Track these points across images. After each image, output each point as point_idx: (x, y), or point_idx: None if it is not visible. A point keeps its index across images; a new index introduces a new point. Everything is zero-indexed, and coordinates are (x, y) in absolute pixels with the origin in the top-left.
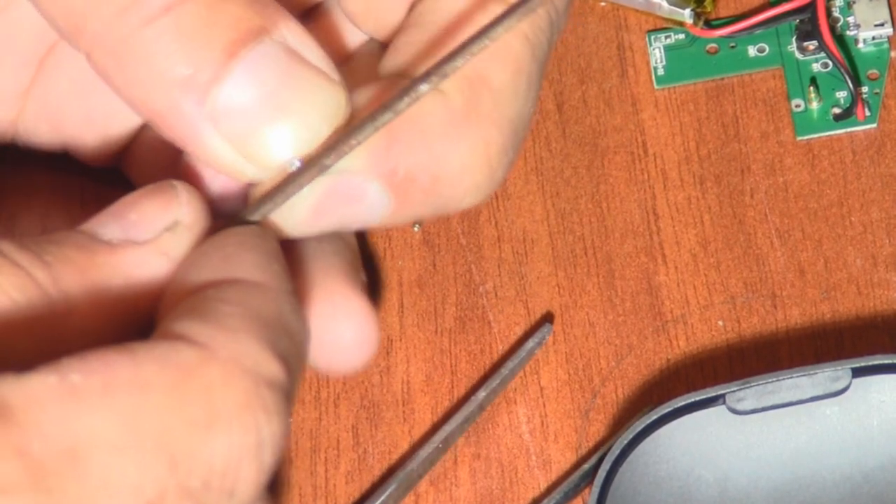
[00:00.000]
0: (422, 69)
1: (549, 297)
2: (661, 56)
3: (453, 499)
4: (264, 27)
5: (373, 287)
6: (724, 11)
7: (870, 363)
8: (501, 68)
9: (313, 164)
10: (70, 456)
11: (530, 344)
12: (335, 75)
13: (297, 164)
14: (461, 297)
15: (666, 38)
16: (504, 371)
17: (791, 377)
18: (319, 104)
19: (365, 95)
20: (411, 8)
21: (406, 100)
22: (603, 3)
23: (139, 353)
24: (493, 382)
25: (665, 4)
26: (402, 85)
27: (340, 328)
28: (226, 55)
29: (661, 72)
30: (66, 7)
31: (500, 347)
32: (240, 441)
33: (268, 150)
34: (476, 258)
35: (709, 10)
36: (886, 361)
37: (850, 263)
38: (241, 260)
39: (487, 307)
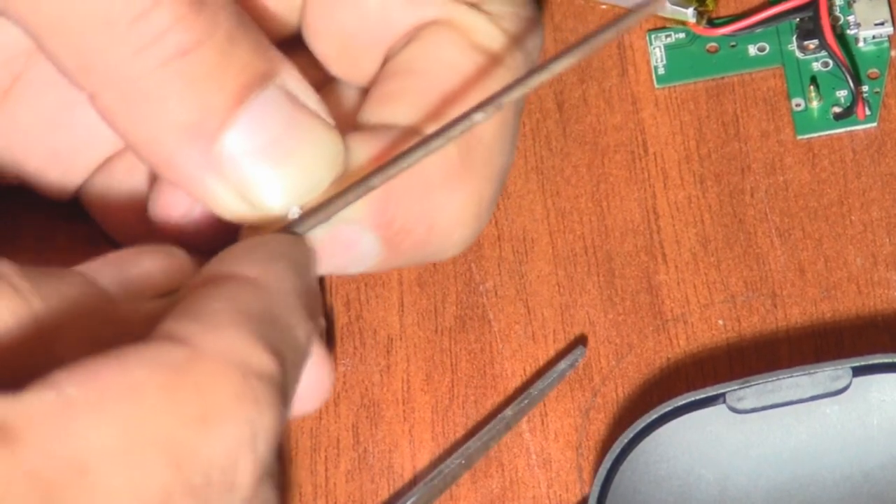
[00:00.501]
0: (411, 121)
1: (550, 296)
2: (661, 55)
3: (454, 497)
4: (269, 72)
5: (373, 286)
6: (724, 10)
7: (870, 362)
8: (489, 123)
9: (352, 189)
10: (76, 470)
11: (562, 365)
12: (331, 121)
13: (297, 211)
14: (461, 296)
15: (666, 37)
16: (533, 392)
17: (791, 376)
18: (321, 151)
19: (361, 145)
20: (387, 57)
21: (437, 143)
22: (604, 6)
23: (129, 357)
24: (522, 402)
25: (667, 4)
26: (412, 141)
27: None
28: (234, 101)
29: (661, 71)
30: (77, 45)
31: (501, 347)
32: (234, 434)
33: (270, 195)
34: (476, 257)
35: (711, 8)
36: (886, 360)
37: (850, 262)
38: (243, 258)
39: (487, 306)
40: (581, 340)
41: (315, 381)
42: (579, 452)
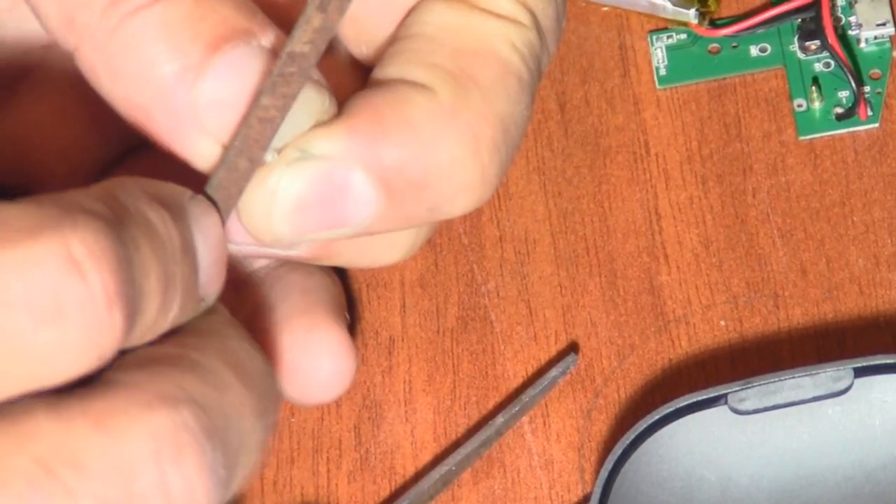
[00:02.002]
0: (420, 78)
1: (552, 297)
2: (662, 56)
3: (455, 498)
4: (251, 30)
5: (375, 287)
6: (726, 11)
7: (872, 363)
8: (487, 67)
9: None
10: None
11: (554, 373)
12: (321, 79)
13: (270, 158)
14: (463, 297)
15: (668, 38)
16: (525, 398)
17: (793, 377)
18: (304, 102)
19: (359, 100)
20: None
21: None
22: (605, 8)
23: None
24: (513, 409)
25: (669, 6)
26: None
27: (318, 360)
28: (209, 49)
29: (662, 72)
30: (60, 2)
31: (502, 347)
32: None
33: None
34: (478, 258)
35: (713, 9)
36: (888, 361)
37: (852, 263)
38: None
39: (489, 307)
40: (573, 348)
41: (338, 368)
42: (581, 453)
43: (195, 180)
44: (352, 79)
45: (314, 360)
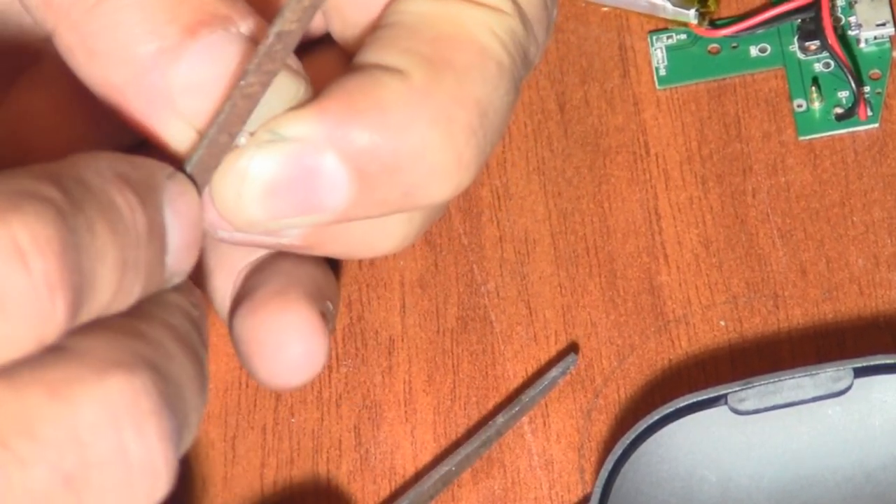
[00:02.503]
0: (398, 65)
1: (552, 297)
2: (662, 56)
3: (455, 498)
4: (230, 17)
5: (375, 287)
6: (726, 11)
7: (872, 363)
8: (464, 51)
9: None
10: None
11: (554, 373)
12: (297, 67)
13: (243, 141)
14: (463, 297)
15: (668, 38)
16: (524, 398)
17: (793, 377)
18: (278, 88)
19: (338, 85)
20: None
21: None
22: (605, 9)
23: None
24: (513, 409)
25: (669, 6)
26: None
27: (287, 341)
28: (187, 33)
29: (662, 72)
30: None
31: (502, 348)
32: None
33: None
34: (478, 258)
35: (713, 9)
36: (888, 361)
37: (851, 263)
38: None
39: (489, 307)
40: (573, 348)
41: (307, 352)
42: (581, 453)
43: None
44: (339, 71)
45: (283, 341)
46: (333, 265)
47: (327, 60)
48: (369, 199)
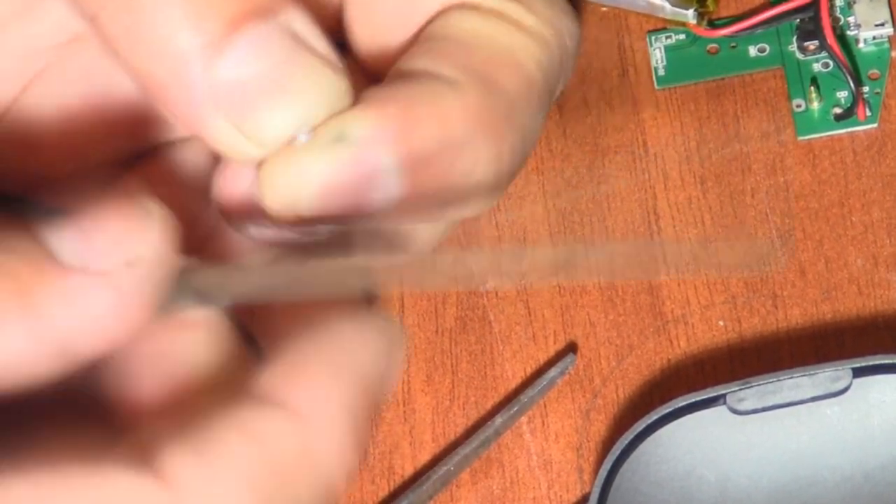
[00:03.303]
0: (444, 72)
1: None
2: (661, 56)
3: (454, 498)
4: (272, 9)
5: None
6: (725, 11)
7: (870, 363)
8: (514, 77)
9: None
10: None
11: (552, 373)
12: (340, 64)
13: (304, 139)
14: (462, 297)
15: (666, 38)
16: (523, 398)
17: (792, 377)
18: (320, 88)
19: (375, 91)
20: (419, 33)
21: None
22: (604, 9)
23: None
24: (512, 409)
25: (668, 6)
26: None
27: None
28: (229, 27)
29: (661, 72)
30: None
31: (501, 348)
32: None
33: (265, 127)
34: None
35: (711, 9)
36: (887, 361)
37: (850, 263)
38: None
39: (488, 307)
40: (572, 348)
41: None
42: (580, 453)
43: (202, 186)
44: (359, 80)
45: None
46: None
47: (349, 66)
48: (409, 207)
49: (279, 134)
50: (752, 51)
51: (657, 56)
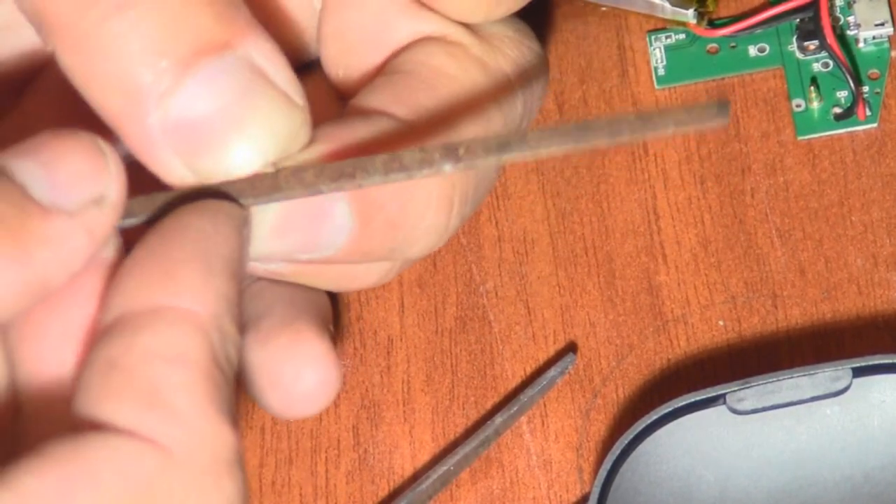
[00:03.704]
0: (395, 111)
1: (553, 299)
2: (661, 56)
3: (454, 498)
4: (229, 42)
5: (374, 288)
6: (724, 11)
7: (870, 363)
8: (472, 123)
9: (309, 185)
10: None
11: (552, 372)
12: (299, 99)
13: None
14: (462, 297)
15: (666, 38)
16: (523, 398)
17: (791, 377)
18: (274, 126)
19: (328, 128)
20: (387, 61)
21: (426, 171)
22: (604, 8)
23: (92, 460)
24: (512, 409)
25: (668, 6)
26: (422, 149)
27: (303, 373)
28: (184, 65)
29: (661, 72)
30: (36, 1)
31: (501, 347)
32: None
33: (216, 165)
34: (476, 258)
35: (711, 9)
36: (887, 361)
37: (850, 263)
38: (180, 273)
39: (488, 307)
40: (571, 347)
41: (322, 381)
42: (579, 453)
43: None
44: (328, 101)
45: (297, 371)
46: None
47: (317, 87)
48: (360, 248)
49: (226, 174)
50: (752, 51)
51: (657, 56)
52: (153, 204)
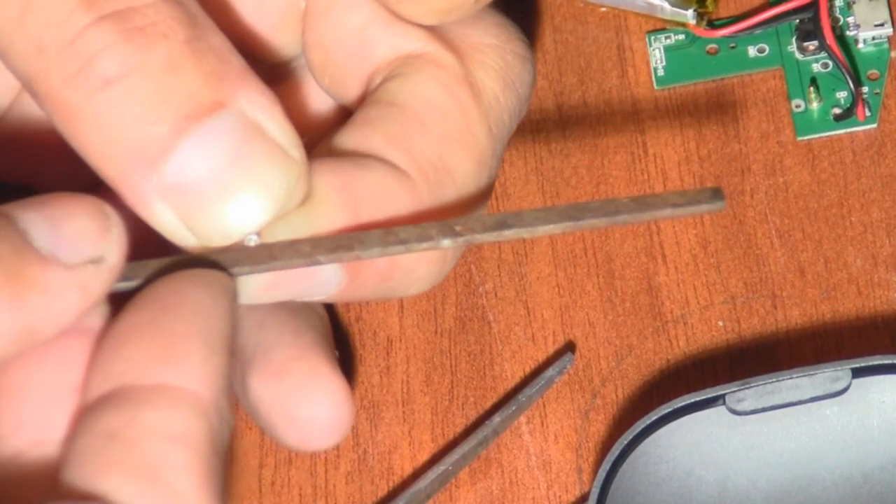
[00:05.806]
0: (383, 153)
1: (553, 299)
2: (660, 56)
3: (453, 499)
4: (220, 101)
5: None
6: (724, 11)
7: (870, 363)
8: (466, 160)
9: (306, 256)
10: None
11: (550, 372)
12: (295, 151)
13: (255, 239)
14: (461, 298)
15: (666, 38)
16: (521, 398)
17: (791, 377)
18: (269, 185)
19: (322, 176)
20: (370, 82)
21: (424, 245)
22: (603, 9)
23: None
24: (510, 409)
25: (667, 6)
26: (420, 225)
27: (316, 406)
28: (174, 132)
29: (661, 72)
30: (23, 71)
31: (500, 348)
32: None
33: (214, 226)
34: (476, 258)
35: (710, 9)
36: (886, 362)
37: (850, 264)
38: (183, 350)
39: (487, 307)
40: (571, 348)
41: (337, 414)
42: (579, 454)
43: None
44: (318, 114)
45: (313, 408)
46: None
47: (305, 98)
48: (351, 295)
49: (225, 234)
50: (752, 51)
51: (656, 56)
52: (146, 271)
